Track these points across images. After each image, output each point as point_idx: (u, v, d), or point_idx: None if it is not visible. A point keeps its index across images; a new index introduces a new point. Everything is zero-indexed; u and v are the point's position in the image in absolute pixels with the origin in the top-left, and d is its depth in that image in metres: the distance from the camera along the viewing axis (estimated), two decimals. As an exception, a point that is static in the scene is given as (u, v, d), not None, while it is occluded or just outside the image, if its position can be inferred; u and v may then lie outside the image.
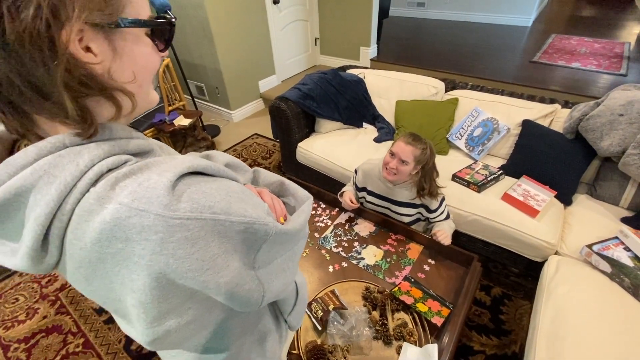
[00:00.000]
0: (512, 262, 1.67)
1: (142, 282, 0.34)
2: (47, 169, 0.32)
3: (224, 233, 0.36)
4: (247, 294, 0.41)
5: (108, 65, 0.35)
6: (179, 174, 0.35)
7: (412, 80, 2.21)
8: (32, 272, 0.37)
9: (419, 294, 1.13)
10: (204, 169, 0.38)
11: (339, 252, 1.36)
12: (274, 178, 0.62)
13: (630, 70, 3.23)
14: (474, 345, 1.45)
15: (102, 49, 0.34)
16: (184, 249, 0.33)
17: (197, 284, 0.36)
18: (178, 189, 0.34)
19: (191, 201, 0.34)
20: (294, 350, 1.01)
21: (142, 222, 0.32)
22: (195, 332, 0.47)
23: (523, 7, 4.80)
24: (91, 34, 0.32)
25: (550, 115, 1.81)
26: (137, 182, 0.33)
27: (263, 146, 2.97)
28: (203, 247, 0.34)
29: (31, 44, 0.29)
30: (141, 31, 0.37)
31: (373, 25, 3.55)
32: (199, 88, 3.44)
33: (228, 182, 0.40)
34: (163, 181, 0.33)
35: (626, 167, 1.49)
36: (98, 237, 0.33)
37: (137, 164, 0.35)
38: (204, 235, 0.34)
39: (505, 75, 3.22)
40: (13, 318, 1.69)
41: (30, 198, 0.33)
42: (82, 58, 0.32)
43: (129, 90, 0.37)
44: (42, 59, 0.30)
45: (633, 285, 1.19)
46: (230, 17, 2.89)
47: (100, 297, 0.41)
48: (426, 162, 1.30)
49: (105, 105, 0.36)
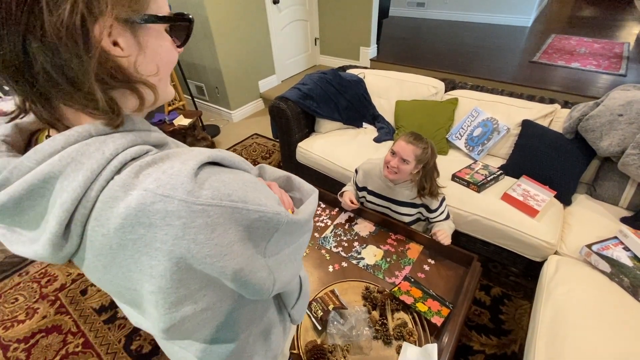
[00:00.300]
0: (511, 262, 1.67)
1: (162, 267, 0.36)
2: (75, 156, 0.34)
3: (241, 221, 0.37)
4: (260, 281, 0.43)
5: (134, 59, 0.36)
6: (201, 162, 0.36)
7: (412, 80, 2.21)
8: (49, 261, 0.38)
9: (418, 294, 1.13)
10: (222, 159, 0.40)
11: (339, 252, 1.36)
12: (280, 173, 0.64)
13: (630, 70, 3.24)
14: (473, 345, 1.46)
15: (129, 43, 0.35)
16: (204, 234, 0.35)
17: (215, 269, 0.37)
18: (200, 177, 0.35)
19: (212, 189, 0.35)
20: (294, 350, 1.01)
21: (166, 208, 0.33)
22: (207, 322, 0.48)
23: (523, 7, 4.80)
24: (119, 29, 0.34)
25: (549, 115, 1.82)
26: (160, 170, 0.34)
27: (263, 146, 2.97)
28: (222, 233, 0.36)
29: (67, 36, 0.31)
30: (162, 27, 0.39)
31: (373, 25, 3.55)
32: (199, 88, 3.44)
33: (243, 174, 0.42)
34: (187, 169, 0.34)
35: (625, 167, 1.50)
36: (122, 223, 0.33)
37: (159, 154, 0.36)
38: (222, 222, 0.36)
39: (505, 75, 3.23)
40: (13, 318, 1.69)
41: (57, 185, 0.34)
42: (112, 51, 0.34)
43: (151, 83, 0.39)
44: (77, 52, 0.32)
45: (632, 285, 1.19)
46: (230, 17, 2.89)
47: (116, 286, 0.42)
48: (427, 161, 1.30)
49: (130, 98, 0.38)
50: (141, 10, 0.35)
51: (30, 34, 0.30)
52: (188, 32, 0.42)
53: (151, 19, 0.36)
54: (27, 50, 0.31)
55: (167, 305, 0.40)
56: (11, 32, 0.30)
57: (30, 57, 0.31)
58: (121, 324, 1.63)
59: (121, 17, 0.33)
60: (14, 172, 0.34)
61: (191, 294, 0.40)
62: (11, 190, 0.33)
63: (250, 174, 0.44)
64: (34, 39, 0.31)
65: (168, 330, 0.44)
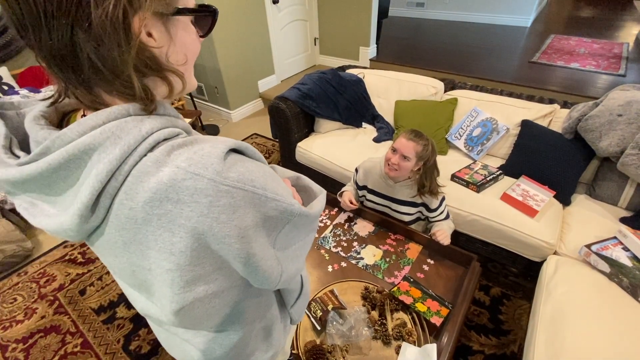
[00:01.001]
0: (511, 262, 1.67)
1: (184, 244, 0.38)
2: (115, 130, 0.36)
3: (259, 207, 0.40)
4: (269, 269, 0.45)
5: (165, 49, 0.39)
6: (228, 147, 0.39)
7: (411, 80, 2.21)
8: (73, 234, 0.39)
9: (418, 294, 1.13)
10: (245, 149, 0.42)
11: (338, 252, 1.36)
12: (291, 173, 0.66)
13: (629, 70, 3.24)
14: (473, 345, 1.46)
15: (161, 34, 0.38)
16: (226, 214, 0.37)
17: (231, 251, 0.40)
18: (228, 160, 0.38)
19: (238, 173, 0.38)
20: (293, 349, 1.01)
21: (195, 185, 0.35)
22: (215, 311, 0.50)
23: (522, 8, 4.80)
24: (153, 21, 0.37)
25: (549, 115, 1.82)
26: (192, 151, 0.36)
27: (262, 146, 2.96)
28: (241, 215, 0.38)
29: (111, 28, 0.33)
30: (189, 19, 0.41)
31: (372, 25, 3.55)
32: (198, 88, 3.44)
33: (263, 165, 0.44)
34: (217, 151, 0.37)
35: (625, 167, 1.50)
36: (151, 197, 0.35)
37: (189, 138, 0.39)
38: (243, 205, 0.38)
39: (505, 75, 3.23)
40: (11, 318, 1.68)
41: (94, 156, 0.36)
42: (147, 42, 0.37)
43: (181, 72, 0.41)
44: (119, 42, 0.34)
45: (632, 285, 1.19)
46: (229, 17, 2.88)
47: (131, 264, 0.43)
48: (427, 158, 1.30)
49: (161, 85, 0.41)
50: (172, 4, 0.38)
51: (78, 26, 0.33)
52: (212, 23, 0.45)
53: (180, 12, 0.39)
54: (74, 41, 0.34)
55: (182, 283, 0.41)
56: (61, 24, 0.33)
57: (77, 47, 0.34)
58: (120, 324, 1.62)
59: (157, 10, 0.36)
60: (57, 142, 0.36)
61: (206, 274, 0.42)
62: (50, 159, 0.35)
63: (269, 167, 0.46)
64: (81, 30, 0.33)
65: (179, 313, 0.45)
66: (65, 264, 1.94)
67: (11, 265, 1.93)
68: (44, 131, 0.38)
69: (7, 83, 2.44)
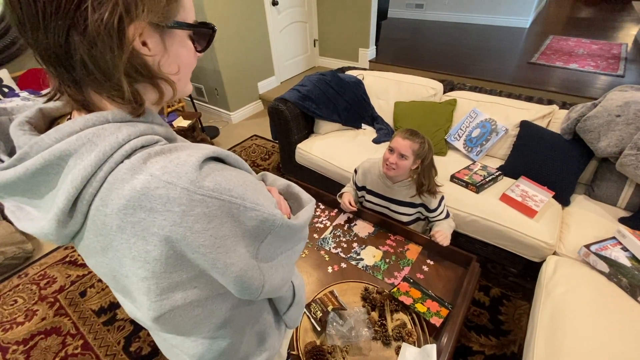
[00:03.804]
0: (510, 263, 1.67)
1: (158, 252, 0.38)
2: (91, 137, 0.36)
3: (237, 217, 0.39)
4: (250, 280, 0.44)
5: (158, 58, 0.40)
6: (206, 156, 0.39)
7: (411, 82, 2.22)
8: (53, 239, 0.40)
9: (417, 295, 1.14)
10: (226, 157, 0.43)
11: (338, 253, 1.36)
12: (281, 181, 0.66)
13: (628, 71, 3.25)
14: (473, 345, 1.46)
15: (156, 44, 0.39)
16: (201, 224, 0.37)
17: (207, 261, 0.39)
18: (204, 169, 0.38)
19: (214, 182, 0.37)
20: (293, 351, 1.01)
21: (168, 194, 0.35)
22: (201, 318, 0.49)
23: (521, 9, 4.82)
24: (149, 32, 0.38)
25: (548, 116, 1.82)
26: (168, 159, 0.37)
27: (262, 147, 2.97)
28: (217, 225, 0.38)
29: (105, 33, 0.34)
30: (186, 33, 0.43)
31: (372, 26, 3.56)
32: (198, 89, 3.44)
33: (245, 173, 0.44)
34: (192, 160, 0.37)
35: (623, 168, 1.50)
36: (125, 204, 0.36)
37: (167, 146, 0.39)
38: (220, 214, 0.38)
39: (503, 76, 3.24)
40: (12, 320, 1.68)
41: (70, 162, 0.36)
42: (140, 50, 0.38)
43: (172, 80, 0.42)
44: (111, 46, 0.35)
45: (631, 285, 1.19)
46: (229, 19, 2.89)
47: (111, 270, 0.44)
48: (425, 156, 1.31)
49: (151, 91, 0.42)
50: (171, 17, 0.39)
51: (74, 28, 0.34)
52: (209, 40, 0.46)
53: (178, 25, 0.40)
54: (69, 42, 0.35)
55: (158, 291, 0.42)
56: (58, 25, 0.34)
57: (71, 47, 0.35)
58: (120, 326, 1.63)
59: (153, 21, 0.37)
60: (34, 147, 0.36)
61: (183, 282, 0.42)
62: (28, 164, 0.36)
63: (252, 175, 0.46)
64: (76, 32, 0.34)
65: (158, 320, 0.45)
66: (65, 266, 1.95)
67: (12, 267, 1.94)
68: (25, 137, 0.39)
69: (8, 85, 2.45)
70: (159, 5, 0.37)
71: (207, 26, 0.44)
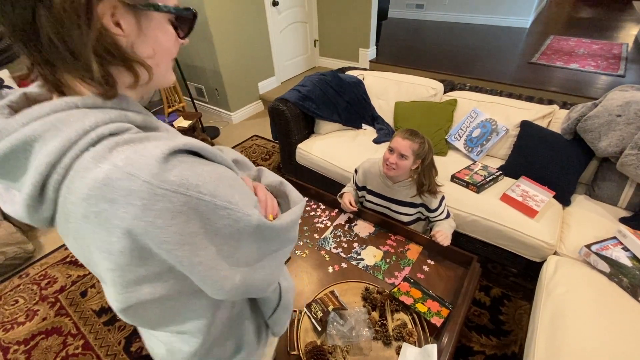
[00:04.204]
0: (511, 263, 1.67)
1: (122, 244, 0.37)
2: (56, 123, 0.36)
3: (207, 214, 0.38)
4: (222, 280, 0.42)
5: (132, 40, 0.39)
6: (175, 148, 0.37)
7: (411, 82, 2.22)
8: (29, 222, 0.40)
9: (418, 295, 1.14)
10: (200, 149, 0.40)
11: (339, 253, 1.36)
12: (274, 178, 0.64)
13: (628, 71, 3.25)
14: (473, 345, 1.46)
15: (130, 25, 0.38)
16: (163, 219, 0.35)
17: (172, 257, 0.38)
18: (171, 162, 0.36)
19: (180, 177, 0.36)
20: (294, 351, 1.01)
21: (130, 186, 0.34)
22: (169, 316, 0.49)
23: (521, 9, 4.81)
24: (122, 12, 0.37)
25: (548, 116, 1.82)
26: (133, 149, 0.35)
27: (262, 147, 2.97)
28: (183, 222, 0.36)
29: (71, 10, 0.34)
30: (165, 17, 0.42)
31: (372, 26, 3.56)
32: (199, 90, 3.45)
33: (222, 168, 0.42)
34: (157, 152, 0.35)
35: (624, 168, 1.50)
36: (88, 194, 0.35)
37: (137, 135, 0.38)
38: (185, 210, 0.36)
39: (504, 76, 3.23)
40: (13, 320, 1.68)
41: (36, 147, 0.36)
42: (111, 30, 0.37)
43: (148, 65, 0.41)
44: (78, 24, 0.35)
45: (631, 285, 1.19)
46: (229, 19, 2.90)
47: (84, 257, 0.44)
48: (425, 156, 1.31)
49: (126, 74, 0.41)
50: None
51: (41, 4, 0.34)
52: (191, 25, 0.45)
53: (153, 7, 0.39)
54: (36, 18, 0.34)
55: (124, 283, 0.41)
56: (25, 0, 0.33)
57: (38, 25, 0.34)
58: (121, 326, 1.63)
59: (126, 1, 0.37)
60: (3, 132, 0.36)
61: (150, 276, 0.41)
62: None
63: (230, 171, 0.44)
64: (43, 8, 0.34)
65: (125, 312, 0.45)
66: (66, 266, 1.95)
67: (12, 267, 1.94)
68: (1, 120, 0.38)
69: (9, 85, 2.45)
70: None
71: (185, 11, 0.43)
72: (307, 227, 1.49)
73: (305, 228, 1.49)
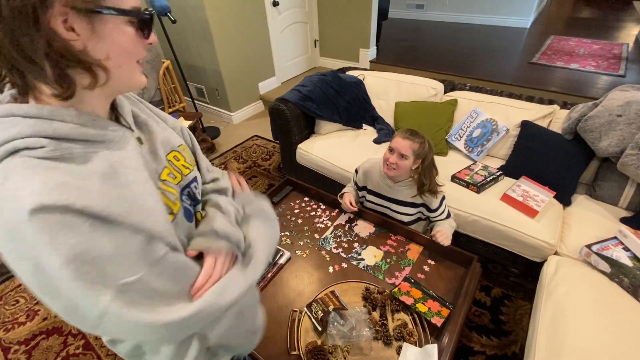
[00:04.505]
0: (511, 263, 1.67)
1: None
2: None
3: (51, 285, 0.39)
4: (82, 324, 0.43)
5: (87, 43, 0.40)
6: (47, 205, 0.36)
7: (411, 82, 2.22)
8: None
9: (418, 295, 1.14)
10: (85, 208, 0.38)
11: (339, 253, 1.36)
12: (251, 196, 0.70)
13: (629, 71, 3.24)
14: (474, 345, 1.46)
15: (83, 29, 0.39)
16: (21, 273, 0.39)
17: None
18: (34, 220, 0.36)
19: (33, 241, 0.37)
20: (294, 351, 1.01)
21: None
22: None
23: (522, 9, 4.82)
24: (75, 17, 0.38)
25: (549, 116, 1.82)
26: (14, 183, 0.37)
27: (263, 147, 2.97)
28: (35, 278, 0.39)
29: (21, 19, 0.35)
30: (121, 19, 0.42)
31: (372, 27, 3.57)
32: (199, 90, 3.45)
33: (103, 241, 0.39)
34: (24, 204, 0.36)
35: (625, 168, 1.50)
36: None
37: (42, 162, 0.39)
38: (33, 271, 0.38)
39: (504, 76, 3.23)
40: (13, 320, 1.69)
41: None
42: (62, 34, 0.38)
43: (105, 66, 0.42)
44: (28, 32, 0.36)
45: (632, 285, 1.19)
46: (230, 19, 2.90)
47: None
48: (425, 156, 1.31)
49: (85, 75, 0.42)
50: (95, 2, 0.39)
51: None
52: (149, 27, 0.46)
53: (104, 11, 0.40)
54: None
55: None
56: None
57: None
58: (122, 326, 1.63)
59: (76, 6, 0.38)
60: None
61: None
62: None
63: (125, 242, 0.41)
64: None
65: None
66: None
67: (13, 268, 1.94)
68: None
69: (9, 86, 2.46)
70: None
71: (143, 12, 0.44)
72: (307, 227, 1.49)
73: (305, 228, 1.49)
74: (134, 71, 0.47)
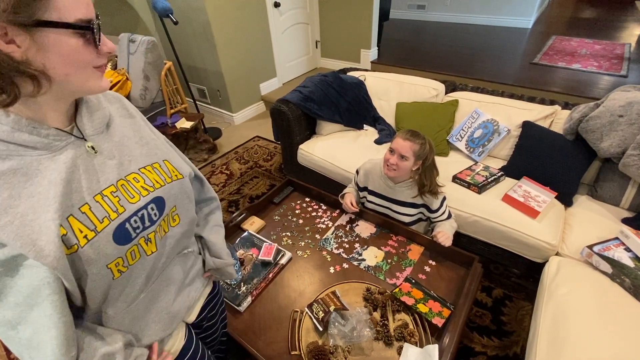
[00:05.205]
0: (513, 263, 1.67)
1: None
2: None
3: None
4: None
5: (28, 53, 0.42)
6: None
7: (413, 82, 2.22)
8: None
9: (419, 295, 1.14)
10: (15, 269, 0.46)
11: (340, 254, 1.36)
12: None
13: (631, 71, 3.23)
14: (475, 346, 1.45)
15: (24, 41, 0.41)
16: None
17: None
18: None
19: None
20: (295, 351, 1.01)
21: None
22: None
23: (523, 9, 4.81)
24: (15, 30, 0.40)
25: (550, 116, 1.82)
26: None
27: (264, 148, 2.98)
28: None
29: None
30: (63, 31, 0.43)
31: (373, 27, 3.57)
32: (201, 91, 3.46)
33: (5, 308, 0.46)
34: None
35: (626, 168, 1.50)
36: None
37: None
38: None
39: (506, 76, 3.23)
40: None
41: None
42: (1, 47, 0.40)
43: (48, 75, 0.44)
44: None
45: (634, 286, 1.19)
46: (231, 20, 2.91)
47: None
48: (426, 157, 1.31)
49: (29, 83, 0.44)
50: (32, 16, 0.41)
51: None
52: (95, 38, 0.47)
53: (42, 24, 0.41)
54: None
55: None
56: None
57: None
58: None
59: (14, 21, 0.39)
60: None
61: None
62: None
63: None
64: None
65: None
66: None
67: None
68: None
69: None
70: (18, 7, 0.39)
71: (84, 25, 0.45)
72: (308, 227, 1.50)
73: (306, 229, 1.49)
74: (88, 78, 0.48)
